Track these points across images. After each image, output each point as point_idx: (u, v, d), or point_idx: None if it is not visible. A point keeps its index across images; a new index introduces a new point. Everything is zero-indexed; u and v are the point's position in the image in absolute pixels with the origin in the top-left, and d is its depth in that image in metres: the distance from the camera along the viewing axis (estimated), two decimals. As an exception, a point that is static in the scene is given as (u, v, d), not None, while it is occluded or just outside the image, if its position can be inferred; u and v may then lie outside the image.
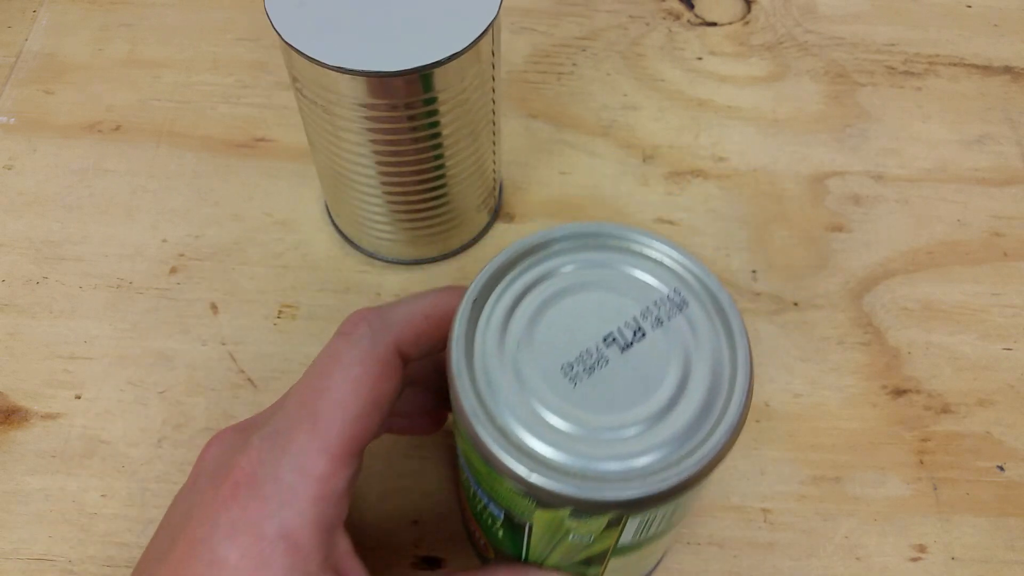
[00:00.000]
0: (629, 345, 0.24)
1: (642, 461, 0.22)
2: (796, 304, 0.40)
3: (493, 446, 0.22)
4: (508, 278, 0.25)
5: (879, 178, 0.44)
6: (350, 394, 0.24)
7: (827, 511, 0.34)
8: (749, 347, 0.24)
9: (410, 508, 0.34)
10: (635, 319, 0.24)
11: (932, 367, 0.38)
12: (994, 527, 0.34)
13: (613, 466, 0.22)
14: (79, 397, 0.36)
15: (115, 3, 0.49)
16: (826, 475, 0.35)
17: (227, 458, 0.24)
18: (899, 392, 0.37)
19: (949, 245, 0.41)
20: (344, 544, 0.24)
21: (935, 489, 0.35)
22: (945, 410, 0.37)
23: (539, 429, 0.22)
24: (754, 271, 0.40)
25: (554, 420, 0.23)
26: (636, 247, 0.26)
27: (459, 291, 0.26)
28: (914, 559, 0.34)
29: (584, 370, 0.23)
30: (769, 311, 0.39)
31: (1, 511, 0.34)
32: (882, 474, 0.35)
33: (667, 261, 0.25)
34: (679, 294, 0.25)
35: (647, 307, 0.25)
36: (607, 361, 0.24)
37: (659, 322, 0.24)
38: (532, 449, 0.22)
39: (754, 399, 0.37)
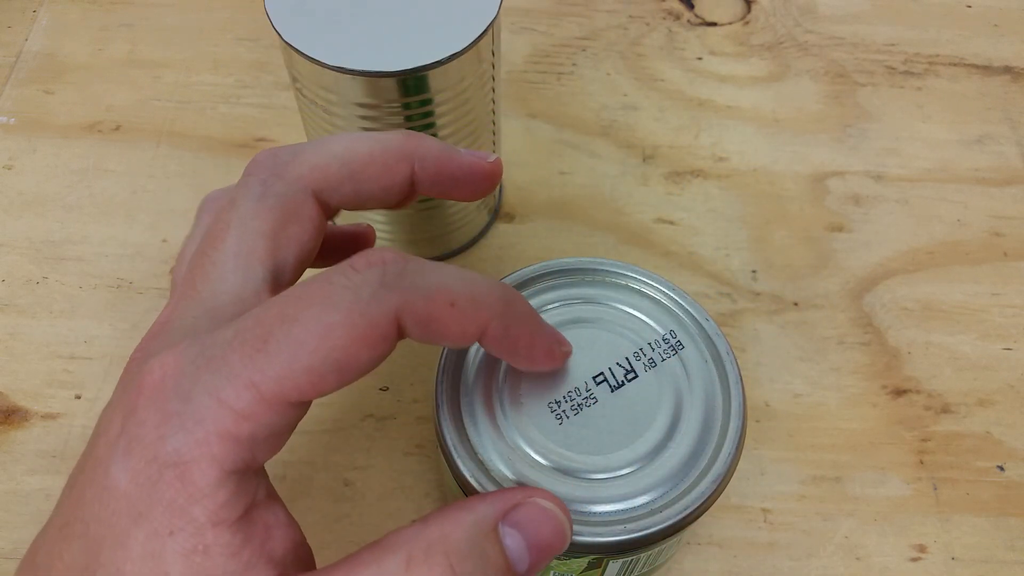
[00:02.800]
0: (620, 385, 0.23)
1: (625, 505, 0.22)
2: (796, 304, 0.40)
3: (472, 480, 0.22)
4: None
5: (879, 178, 0.44)
6: (314, 338, 0.18)
7: (827, 511, 0.34)
8: (744, 396, 0.23)
9: (410, 508, 0.34)
10: (628, 360, 0.24)
11: (932, 367, 0.38)
12: (994, 527, 0.34)
13: (595, 508, 0.21)
14: (79, 397, 0.36)
15: (115, 3, 0.49)
16: (826, 475, 0.35)
17: (148, 356, 0.20)
18: (899, 392, 0.37)
19: (949, 245, 0.41)
20: (258, 491, 0.20)
21: (935, 489, 0.35)
22: (945, 410, 0.37)
23: (521, 466, 0.22)
24: (754, 271, 0.40)
25: (537, 457, 0.22)
26: (634, 284, 0.25)
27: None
28: (914, 559, 0.34)
29: (572, 408, 0.23)
30: (769, 311, 0.39)
31: (1, 511, 0.34)
32: (882, 474, 0.35)
33: (665, 301, 0.25)
34: (675, 336, 0.24)
35: (641, 348, 0.24)
36: (595, 400, 0.23)
37: (652, 364, 0.24)
38: (511, 485, 0.22)
39: (754, 399, 0.37)
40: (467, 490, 0.22)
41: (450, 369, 0.23)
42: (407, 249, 0.39)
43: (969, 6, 0.50)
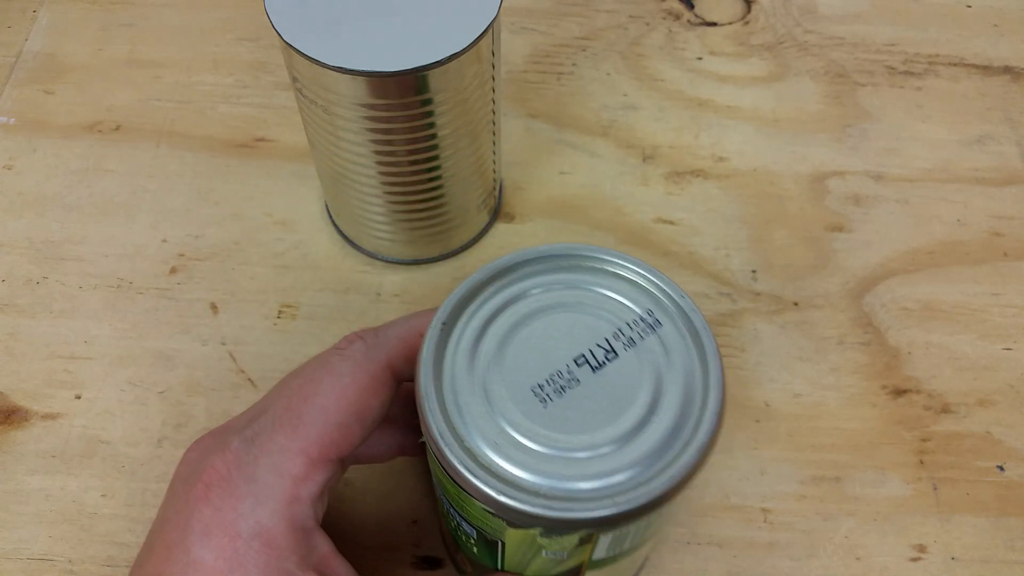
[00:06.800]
0: (601, 366, 0.24)
1: (612, 480, 0.22)
2: (796, 304, 0.40)
3: (460, 467, 0.22)
4: (480, 299, 0.25)
5: (879, 178, 0.44)
6: (335, 402, 0.24)
7: (827, 511, 0.34)
8: (722, 368, 0.24)
9: (410, 508, 0.34)
10: (607, 340, 0.24)
11: (932, 367, 0.38)
12: (994, 527, 0.34)
13: (583, 485, 0.22)
14: (79, 397, 0.36)
15: (115, 3, 0.49)
16: (826, 475, 0.35)
17: (201, 461, 0.24)
18: (899, 392, 0.37)
19: (949, 245, 0.41)
20: (325, 546, 0.24)
21: (935, 489, 0.35)
22: (945, 410, 0.37)
23: (508, 450, 0.22)
24: (754, 271, 0.40)
25: (524, 441, 0.22)
26: (610, 267, 0.26)
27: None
28: (914, 559, 0.34)
29: (555, 391, 0.23)
30: (769, 311, 0.39)
31: (1, 511, 0.34)
32: (882, 474, 0.35)
33: (641, 281, 0.25)
34: (652, 315, 0.25)
35: (619, 328, 0.24)
36: (578, 382, 0.24)
37: (631, 343, 0.24)
38: (501, 470, 0.22)
39: (754, 399, 0.37)
40: (456, 478, 0.22)
41: (432, 361, 0.24)
42: (407, 249, 0.39)
43: (969, 6, 0.50)
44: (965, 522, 0.34)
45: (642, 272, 0.25)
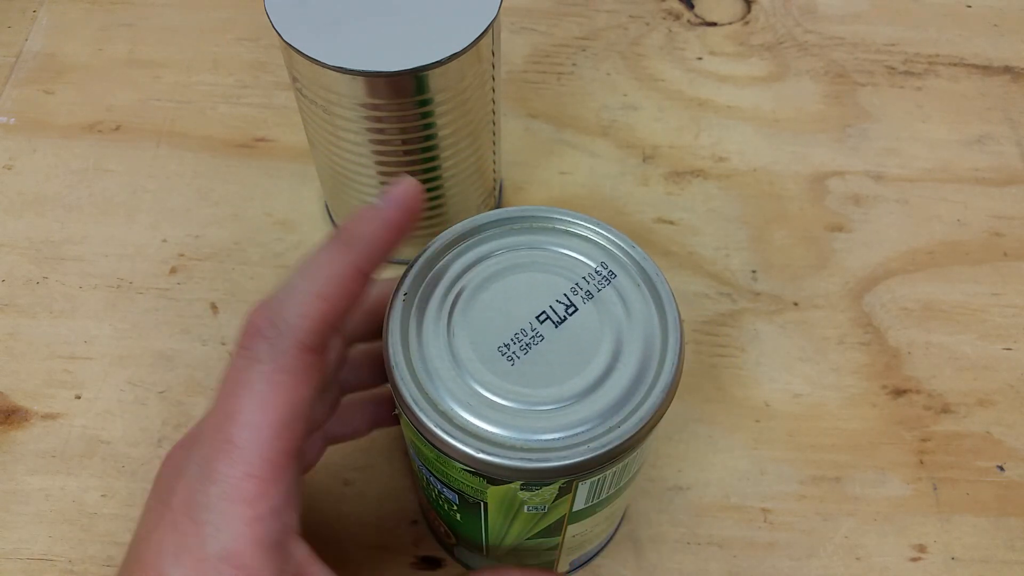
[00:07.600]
0: (562, 320, 0.25)
1: (584, 428, 0.23)
2: (796, 304, 0.40)
3: (437, 431, 0.22)
4: (438, 267, 0.26)
5: (879, 178, 0.44)
6: (261, 415, 0.22)
7: (827, 511, 0.34)
8: (678, 311, 0.25)
9: (410, 508, 0.34)
10: (566, 295, 0.25)
11: (932, 367, 0.38)
12: (994, 527, 0.34)
13: (557, 436, 0.23)
14: (79, 397, 0.36)
15: (115, 3, 0.49)
16: (826, 475, 0.35)
17: (170, 481, 0.24)
18: (899, 392, 0.37)
19: (949, 245, 0.41)
20: (301, 551, 0.24)
21: (935, 489, 0.35)
22: (945, 410, 0.37)
23: (481, 409, 0.23)
24: (754, 271, 0.40)
25: (495, 399, 0.23)
26: (561, 226, 0.27)
27: (344, 251, 0.24)
28: (914, 559, 0.34)
29: (520, 348, 0.24)
30: (769, 311, 0.39)
31: (1, 511, 0.34)
32: (882, 474, 0.35)
33: (593, 236, 0.26)
34: (606, 267, 0.26)
35: (577, 283, 0.25)
36: (542, 338, 0.24)
37: (589, 295, 0.25)
38: (477, 428, 0.23)
39: (754, 399, 0.37)
40: (434, 441, 0.23)
41: (399, 331, 0.24)
42: (408, 249, 0.39)
43: (969, 6, 0.50)
44: (965, 522, 0.34)
45: (592, 227, 0.26)
